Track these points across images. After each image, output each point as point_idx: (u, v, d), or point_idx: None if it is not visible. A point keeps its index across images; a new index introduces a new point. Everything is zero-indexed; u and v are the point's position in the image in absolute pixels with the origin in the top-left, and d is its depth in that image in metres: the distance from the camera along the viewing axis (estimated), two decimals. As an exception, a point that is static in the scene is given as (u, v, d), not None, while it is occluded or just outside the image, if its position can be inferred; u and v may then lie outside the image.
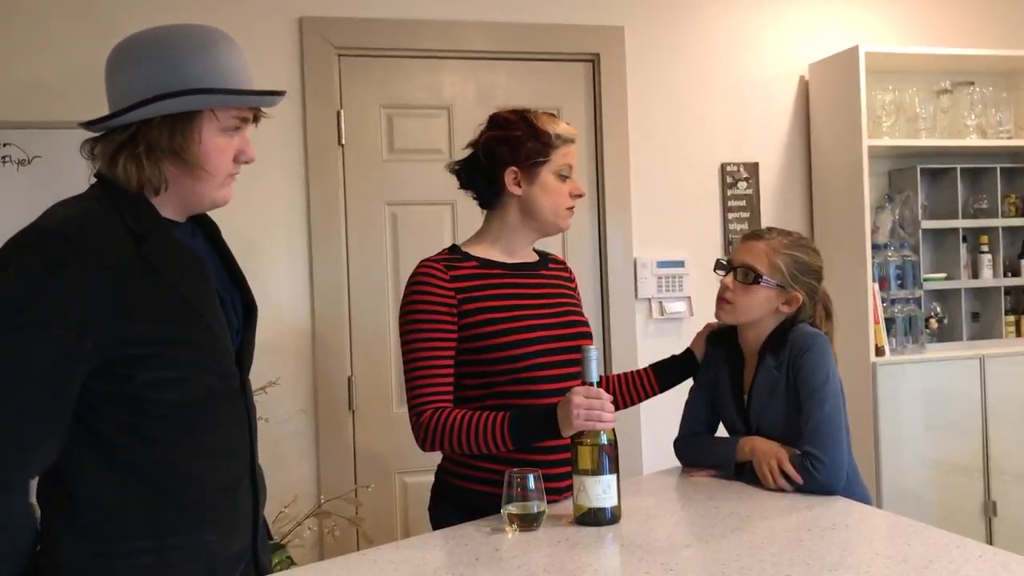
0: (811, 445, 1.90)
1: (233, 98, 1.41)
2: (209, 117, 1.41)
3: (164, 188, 1.41)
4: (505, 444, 1.81)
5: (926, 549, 1.51)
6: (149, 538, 1.38)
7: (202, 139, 1.41)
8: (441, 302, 1.91)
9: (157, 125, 1.38)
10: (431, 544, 1.67)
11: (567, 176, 2.00)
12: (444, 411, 1.87)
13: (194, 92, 1.37)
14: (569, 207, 2.02)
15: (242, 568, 1.51)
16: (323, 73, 3.13)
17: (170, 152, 1.39)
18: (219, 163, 1.44)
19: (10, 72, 2.88)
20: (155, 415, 1.38)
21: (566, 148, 1.99)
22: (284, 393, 3.02)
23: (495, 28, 3.28)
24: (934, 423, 3.37)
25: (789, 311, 2.05)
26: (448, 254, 2.00)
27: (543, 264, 2.11)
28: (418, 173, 3.24)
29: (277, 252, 3.10)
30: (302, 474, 3.09)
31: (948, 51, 3.51)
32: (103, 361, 1.32)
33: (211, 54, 1.40)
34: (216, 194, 1.47)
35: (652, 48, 3.46)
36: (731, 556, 1.51)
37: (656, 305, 3.45)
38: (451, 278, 1.94)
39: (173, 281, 1.38)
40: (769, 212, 3.57)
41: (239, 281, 1.60)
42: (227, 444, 1.49)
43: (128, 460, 1.38)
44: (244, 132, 1.48)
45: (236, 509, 1.50)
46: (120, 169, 1.39)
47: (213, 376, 1.44)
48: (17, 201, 2.76)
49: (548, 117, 2.01)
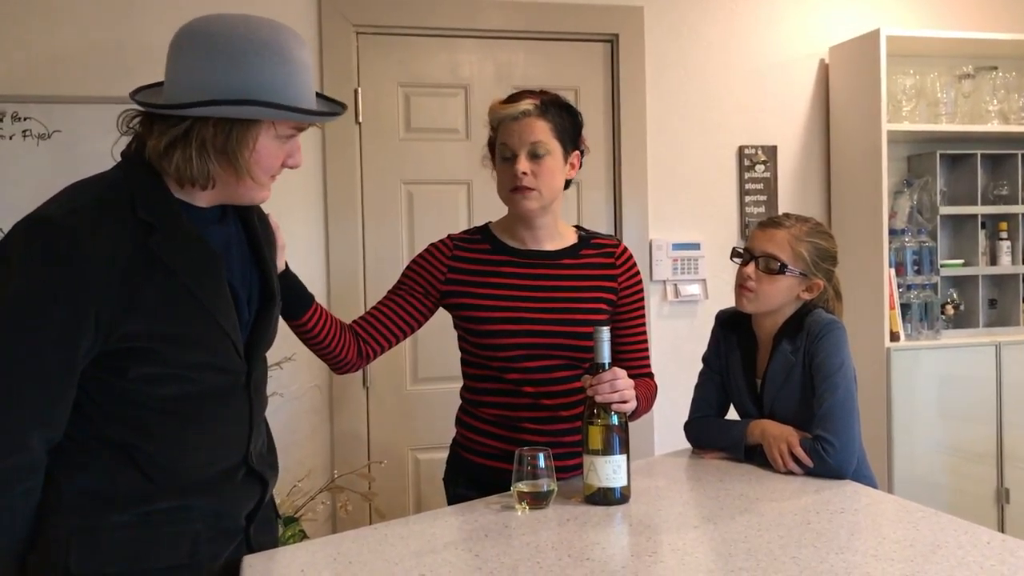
0: (823, 429, 1.91)
1: (296, 115, 1.40)
2: (267, 126, 1.40)
3: (211, 186, 1.41)
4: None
5: (934, 534, 1.52)
6: (133, 513, 1.40)
7: (256, 146, 1.40)
8: (422, 280, 1.99)
9: (213, 125, 1.36)
10: (440, 519, 1.69)
11: (507, 157, 1.90)
12: (350, 327, 1.98)
13: (257, 103, 1.35)
14: (512, 189, 1.90)
15: (233, 547, 1.51)
16: (341, 51, 3.13)
17: (221, 153, 1.38)
18: (266, 170, 1.44)
19: (31, 46, 2.90)
20: (147, 406, 1.40)
21: (503, 128, 1.90)
22: (299, 369, 3.04)
23: (514, 7, 3.27)
24: (948, 409, 3.36)
25: (810, 297, 2.05)
26: (469, 234, 2.03)
27: (573, 251, 2.01)
28: (435, 152, 3.24)
29: (294, 229, 3.11)
30: (316, 449, 3.12)
31: (971, 35, 3.47)
32: (100, 352, 1.34)
33: (280, 64, 1.37)
34: (256, 195, 1.47)
35: (671, 29, 3.44)
36: (739, 537, 1.52)
37: (671, 287, 3.45)
38: (452, 257, 1.97)
39: (180, 275, 1.37)
40: (786, 196, 3.56)
41: (264, 270, 1.58)
42: (221, 437, 1.48)
43: (117, 442, 1.39)
44: (297, 138, 1.47)
45: (227, 494, 1.49)
46: (171, 163, 1.37)
47: (213, 372, 1.44)
48: (37, 175, 2.78)
49: (495, 101, 1.95)
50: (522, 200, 1.90)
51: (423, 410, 3.16)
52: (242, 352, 1.48)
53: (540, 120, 1.89)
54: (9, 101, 2.84)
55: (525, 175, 1.88)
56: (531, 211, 1.92)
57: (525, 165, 1.88)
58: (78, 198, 1.35)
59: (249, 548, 1.55)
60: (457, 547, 1.52)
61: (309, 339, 1.90)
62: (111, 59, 2.93)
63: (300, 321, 1.86)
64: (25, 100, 2.85)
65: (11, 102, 2.84)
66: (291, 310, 1.83)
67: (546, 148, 1.89)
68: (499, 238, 2.01)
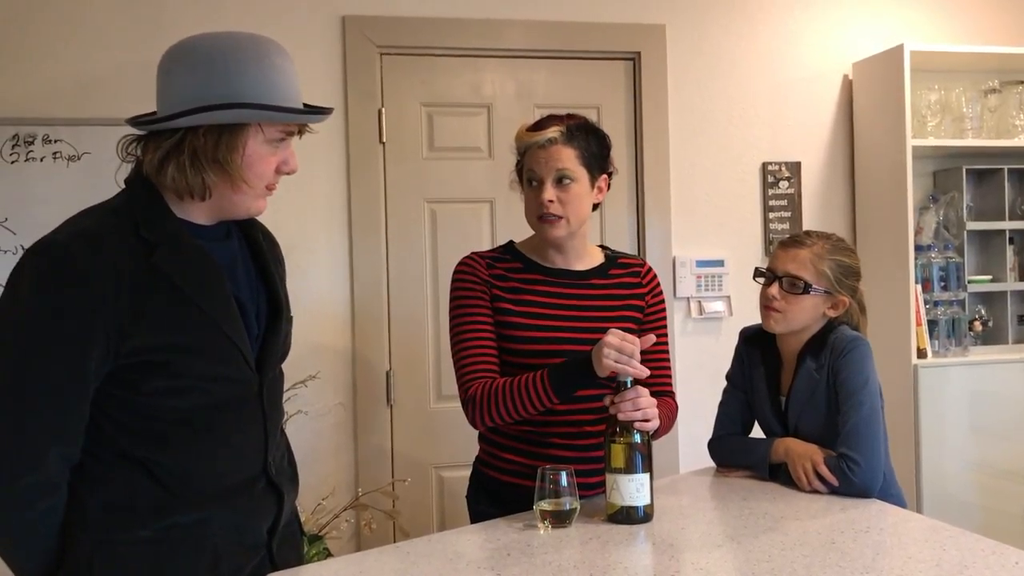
0: (847, 447, 1.89)
1: (281, 116, 1.43)
2: (255, 130, 1.43)
3: (208, 196, 1.44)
4: (548, 396, 1.79)
5: (961, 554, 1.50)
6: (153, 528, 1.41)
7: (246, 151, 1.43)
8: (481, 290, 1.95)
9: (203, 134, 1.40)
10: (463, 538, 1.69)
11: (534, 184, 1.92)
12: (489, 382, 1.87)
13: (242, 106, 1.39)
14: (540, 216, 1.92)
15: (255, 563, 1.52)
16: (365, 71, 3.16)
17: (214, 161, 1.41)
18: (261, 175, 1.46)
19: (60, 69, 2.95)
20: (163, 419, 1.42)
21: (529, 155, 1.92)
22: (323, 387, 3.06)
23: (536, 26, 3.29)
24: (977, 427, 3.31)
25: (835, 314, 2.04)
26: (497, 252, 2.04)
27: (601, 271, 2.04)
28: (458, 171, 3.26)
29: (318, 248, 3.14)
30: (340, 467, 3.12)
31: (996, 49, 3.44)
32: (113, 368, 1.36)
33: (262, 68, 1.41)
34: (252, 204, 1.49)
35: (694, 46, 3.45)
36: (762, 557, 1.51)
37: (695, 304, 3.43)
38: (489, 274, 1.97)
39: (185, 288, 1.40)
40: (811, 212, 3.54)
41: (269, 285, 1.61)
42: (237, 448, 1.50)
43: (136, 456, 1.41)
44: (288, 144, 1.49)
45: (247, 507, 1.51)
46: (167, 176, 1.41)
47: (226, 383, 1.46)
48: (67, 196, 2.82)
49: (522, 127, 1.96)
50: (549, 229, 1.93)
51: (447, 428, 3.16)
52: (253, 364, 1.50)
53: (566, 147, 1.90)
54: (40, 124, 2.90)
55: (551, 203, 1.90)
56: (558, 238, 1.95)
57: (551, 193, 1.90)
58: (81, 223, 1.40)
59: (272, 564, 1.56)
60: (479, 566, 1.52)
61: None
62: (140, 81, 2.96)
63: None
64: (55, 123, 2.90)
65: (42, 125, 2.90)
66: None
67: (572, 175, 1.91)
68: (529, 257, 2.02)
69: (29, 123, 2.89)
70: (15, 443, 1.33)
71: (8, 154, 2.88)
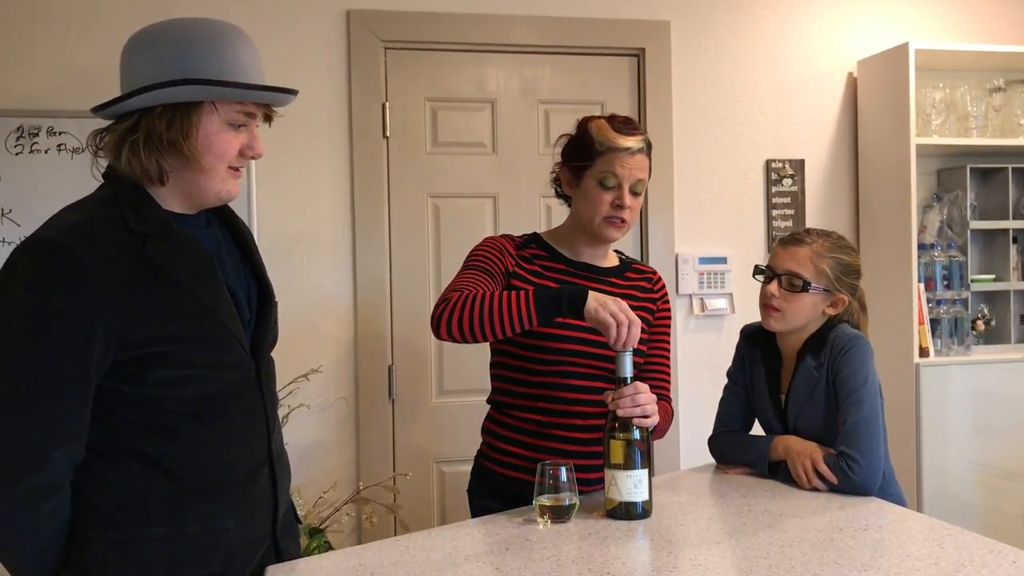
0: (847, 445, 1.90)
1: (231, 91, 1.41)
2: (209, 109, 1.42)
3: (165, 180, 1.43)
4: (529, 315, 1.74)
5: (959, 553, 1.50)
6: (168, 524, 1.41)
7: (199, 131, 1.41)
8: (499, 258, 1.98)
9: (158, 114, 1.39)
10: (463, 532, 1.70)
11: (609, 186, 1.93)
12: (471, 290, 1.83)
13: (192, 82, 1.38)
14: (607, 217, 1.95)
15: (261, 553, 1.53)
16: (369, 66, 3.16)
17: (168, 142, 1.40)
18: (218, 156, 1.44)
19: (65, 62, 2.96)
20: (169, 410, 1.41)
21: (612, 156, 1.93)
22: (326, 381, 3.07)
23: (540, 22, 3.29)
24: (979, 426, 3.32)
25: (835, 312, 2.05)
26: (523, 238, 2.07)
27: (618, 272, 2.08)
28: (461, 166, 3.27)
29: (322, 242, 3.14)
30: (342, 461, 3.13)
31: (1002, 48, 3.44)
32: (114, 363, 1.36)
33: (214, 47, 1.40)
34: (220, 188, 1.47)
35: (698, 43, 3.44)
36: (760, 553, 1.51)
37: (697, 301, 3.44)
38: (516, 252, 2.01)
39: (180, 278, 1.40)
40: (814, 210, 3.54)
41: (256, 271, 1.61)
42: (243, 434, 1.51)
43: (145, 451, 1.41)
44: (252, 127, 1.48)
45: (255, 496, 1.52)
46: (123, 160, 1.41)
47: (227, 369, 1.46)
48: (71, 189, 2.77)
49: (605, 124, 1.96)
50: (614, 231, 1.97)
51: (448, 423, 3.17)
52: (248, 349, 1.51)
53: (646, 159, 1.98)
54: (44, 116, 2.91)
55: (626, 209, 1.95)
56: (614, 240, 2.02)
57: (629, 200, 1.95)
58: (70, 218, 1.39)
59: (277, 553, 1.57)
60: (478, 560, 1.53)
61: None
62: (144, 75, 2.98)
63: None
64: (60, 115, 2.91)
65: (46, 117, 2.91)
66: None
67: (644, 187, 1.98)
68: (555, 247, 2.05)
69: (34, 115, 2.90)
70: (20, 444, 1.32)
71: (13, 146, 2.89)
